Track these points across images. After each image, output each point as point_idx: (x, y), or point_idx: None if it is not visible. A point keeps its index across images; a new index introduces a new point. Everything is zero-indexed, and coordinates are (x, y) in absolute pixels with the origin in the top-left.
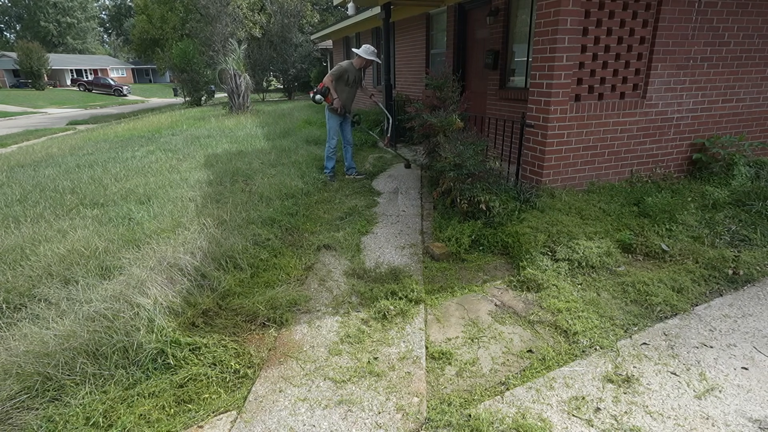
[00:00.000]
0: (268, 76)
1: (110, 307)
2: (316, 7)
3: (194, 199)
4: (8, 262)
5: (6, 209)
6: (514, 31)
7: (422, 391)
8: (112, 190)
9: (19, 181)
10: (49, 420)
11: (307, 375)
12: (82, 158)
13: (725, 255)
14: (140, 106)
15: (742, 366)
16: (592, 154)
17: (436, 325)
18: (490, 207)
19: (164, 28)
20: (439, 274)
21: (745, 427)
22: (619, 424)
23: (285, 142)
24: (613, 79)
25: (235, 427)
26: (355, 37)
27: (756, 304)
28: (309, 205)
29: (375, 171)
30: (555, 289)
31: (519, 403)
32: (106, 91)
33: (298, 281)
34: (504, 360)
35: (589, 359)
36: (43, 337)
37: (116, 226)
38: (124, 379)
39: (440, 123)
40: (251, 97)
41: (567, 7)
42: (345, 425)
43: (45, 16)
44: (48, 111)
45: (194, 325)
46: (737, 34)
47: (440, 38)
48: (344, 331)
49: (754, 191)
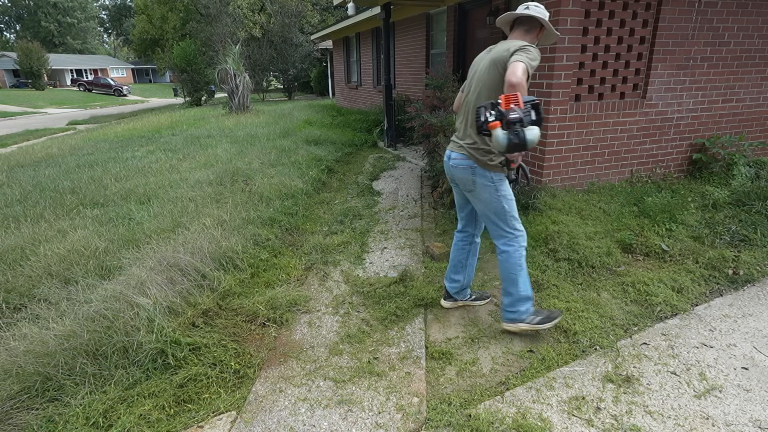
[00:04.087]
0: (268, 76)
1: (110, 307)
2: (317, 7)
3: (194, 199)
4: (8, 262)
5: (6, 209)
6: None
7: (422, 391)
8: (112, 190)
9: (19, 181)
10: (49, 420)
11: (307, 375)
12: (82, 158)
13: (725, 255)
14: (140, 106)
15: (742, 366)
16: (592, 154)
17: (436, 324)
18: None
19: (164, 28)
20: (439, 274)
21: (746, 427)
22: (619, 423)
23: (285, 142)
24: (613, 79)
25: (235, 427)
26: (355, 37)
27: (756, 304)
28: (309, 205)
29: (375, 171)
30: (555, 289)
31: (519, 403)
32: (106, 91)
33: (298, 281)
34: (504, 360)
35: (589, 359)
36: (43, 337)
37: (116, 226)
38: (124, 379)
39: (440, 123)
40: (251, 96)
41: (567, 7)
42: (345, 425)
43: (45, 16)
44: (48, 111)
45: (194, 325)
46: (737, 34)
47: (440, 38)
48: (344, 331)
49: (754, 191)
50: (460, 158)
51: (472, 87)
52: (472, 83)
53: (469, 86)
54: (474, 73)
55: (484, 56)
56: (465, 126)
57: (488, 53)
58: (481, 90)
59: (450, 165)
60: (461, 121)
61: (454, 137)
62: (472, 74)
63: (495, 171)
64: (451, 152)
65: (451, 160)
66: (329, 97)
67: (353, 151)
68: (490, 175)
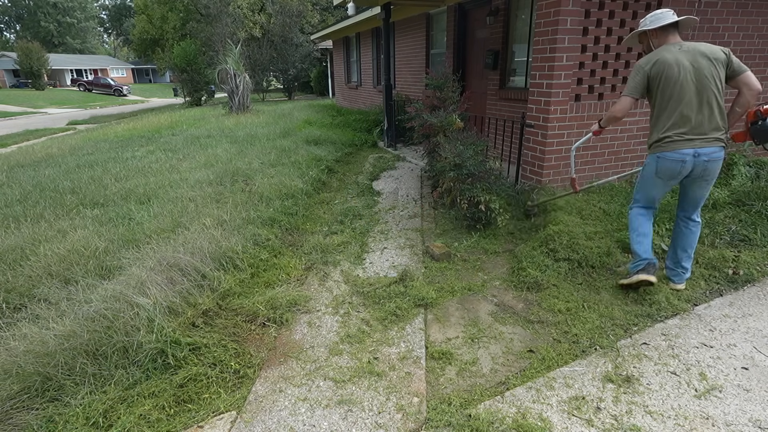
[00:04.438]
0: (268, 76)
1: (110, 308)
2: (317, 7)
3: (194, 199)
4: (8, 262)
5: (6, 209)
6: (514, 31)
7: (422, 391)
8: (112, 190)
9: (19, 181)
10: (49, 420)
11: (308, 375)
12: (82, 158)
13: (725, 255)
14: (140, 106)
15: (742, 366)
16: (592, 154)
17: (436, 324)
18: (490, 207)
19: (164, 28)
20: (439, 274)
21: (746, 427)
22: (619, 423)
23: (285, 142)
24: (613, 79)
25: (235, 427)
26: (355, 37)
27: (756, 304)
28: (309, 205)
29: (375, 171)
30: (555, 289)
31: (519, 403)
32: (106, 91)
33: (298, 281)
34: (504, 360)
35: (589, 359)
36: (43, 337)
37: (116, 226)
38: (124, 379)
39: (440, 123)
40: (251, 96)
41: (567, 7)
42: (345, 425)
43: (45, 16)
44: (48, 111)
45: (194, 325)
46: (737, 34)
47: (440, 38)
48: (344, 331)
49: (754, 191)
50: (718, 151)
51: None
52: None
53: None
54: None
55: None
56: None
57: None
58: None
59: (703, 160)
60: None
61: (694, 133)
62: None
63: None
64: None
65: (705, 155)
66: (329, 97)
67: (353, 151)
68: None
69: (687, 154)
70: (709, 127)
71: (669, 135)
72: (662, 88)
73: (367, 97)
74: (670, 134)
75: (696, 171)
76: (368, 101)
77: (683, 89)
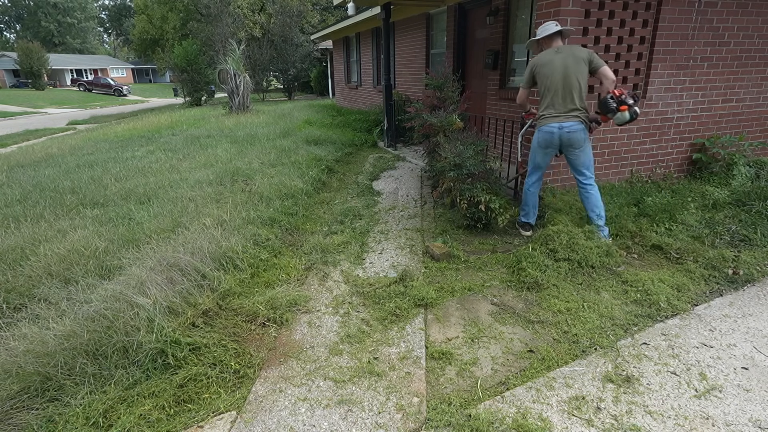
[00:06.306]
0: (268, 76)
1: (110, 307)
2: (317, 7)
3: (194, 199)
4: (8, 262)
5: (6, 209)
6: (514, 31)
7: (422, 391)
8: (112, 190)
9: (19, 181)
10: (49, 420)
11: (308, 375)
12: (82, 158)
13: (725, 255)
14: (140, 106)
15: (742, 366)
16: (592, 154)
17: (436, 324)
18: (490, 207)
19: (164, 28)
20: (439, 274)
21: (746, 427)
22: (619, 423)
23: (285, 142)
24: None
25: (235, 427)
26: (355, 37)
27: (756, 304)
28: (309, 205)
29: (375, 171)
30: (555, 289)
31: (519, 403)
32: (106, 91)
33: (298, 281)
34: (504, 360)
35: (589, 359)
36: (43, 337)
37: (116, 226)
38: (124, 379)
39: (440, 123)
40: (251, 96)
41: (567, 7)
42: (345, 425)
43: (45, 16)
44: (48, 111)
45: (194, 325)
46: (737, 34)
47: (440, 38)
48: (344, 331)
49: (754, 191)
50: (576, 124)
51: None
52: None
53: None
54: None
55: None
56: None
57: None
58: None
59: (566, 132)
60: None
61: (558, 111)
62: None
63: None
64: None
65: (566, 128)
66: (329, 97)
67: (353, 151)
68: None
69: (554, 127)
70: (570, 107)
71: (543, 114)
72: (541, 80)
73: (367, 97)
74: (545, 113)
75: (563, 140)
76: (368, 101)
77: (552, 81)
